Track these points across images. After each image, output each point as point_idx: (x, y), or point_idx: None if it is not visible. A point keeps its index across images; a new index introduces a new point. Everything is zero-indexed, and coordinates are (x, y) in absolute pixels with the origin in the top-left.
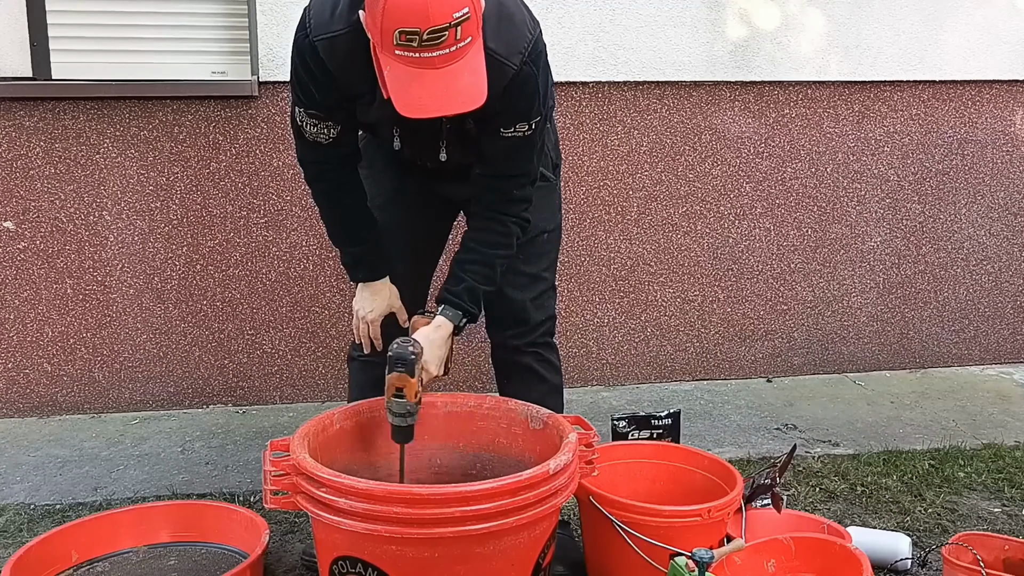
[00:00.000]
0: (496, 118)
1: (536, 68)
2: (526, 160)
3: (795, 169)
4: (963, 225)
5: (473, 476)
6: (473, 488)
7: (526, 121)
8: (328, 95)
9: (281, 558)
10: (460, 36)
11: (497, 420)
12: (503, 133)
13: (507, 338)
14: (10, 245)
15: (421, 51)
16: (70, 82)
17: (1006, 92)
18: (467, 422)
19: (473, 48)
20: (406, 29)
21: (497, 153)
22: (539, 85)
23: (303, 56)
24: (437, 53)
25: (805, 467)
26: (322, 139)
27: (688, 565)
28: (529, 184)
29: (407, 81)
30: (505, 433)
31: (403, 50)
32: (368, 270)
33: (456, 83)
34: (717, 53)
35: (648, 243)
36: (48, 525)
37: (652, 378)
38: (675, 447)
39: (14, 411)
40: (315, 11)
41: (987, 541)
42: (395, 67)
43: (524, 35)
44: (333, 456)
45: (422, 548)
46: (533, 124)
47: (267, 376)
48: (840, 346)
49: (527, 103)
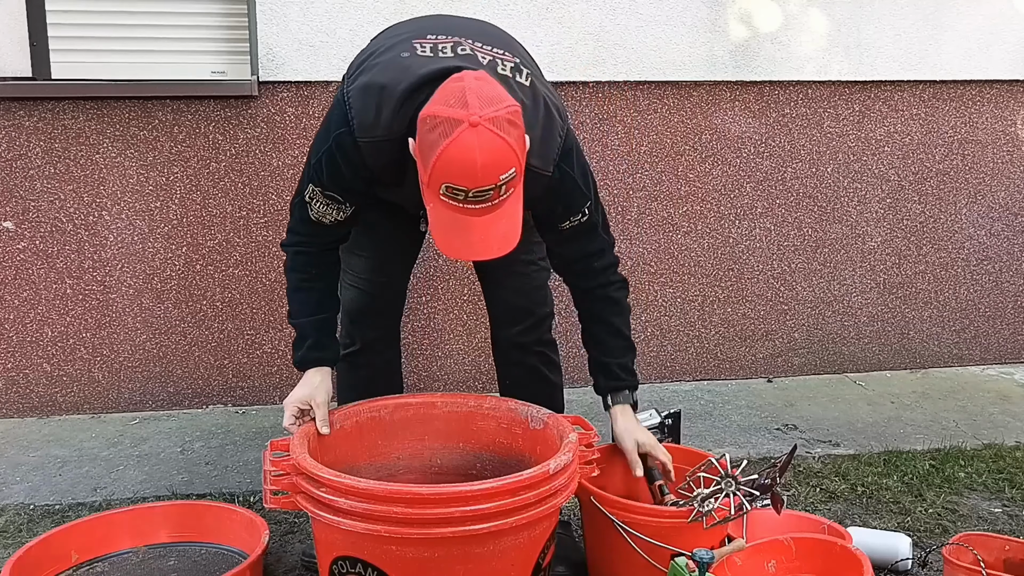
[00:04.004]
0: (549, 217)
1: (570, 165)
2: (594, 240)
3: (795, 169)
4: (964, 225)
5: (473, 476)
6: (473, 488)
7: (578, 212)
8: (358, 183)
9: (281, 558)
10: (504, 192)
11: (498, 420)
12: (561, 227)
13: (514, 335)
14: (10, 245)
15: (466, 204)
16: (70, 82)
17: (1007, 92)
18: (467, 422)
19: (513, 196)
20: (453, 186)
21: (565, 243)
22: (576, 178)
23: (344, 151)
24: (480, 206)
25: (805, 467)
26: (327, 220)
27: (689, 565)
28: (608, 250)
29: (448, 224)
30: (505, 433)
31: (448, 199)
32: (324, 351)
33: (493, 231)
34: (717, 53)
35: (648, 243)
36: (48, 525)
37: (652, 378)
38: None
39: (14, 411)
40: (357, 112)
41: (988, 541)
42: (438, 208)
43: (556, 140)
44: (334, 456)
45: (422, 548)
46: (586, 210)
47: (267, 376)
48: (841, 346)
49: (569, 198)
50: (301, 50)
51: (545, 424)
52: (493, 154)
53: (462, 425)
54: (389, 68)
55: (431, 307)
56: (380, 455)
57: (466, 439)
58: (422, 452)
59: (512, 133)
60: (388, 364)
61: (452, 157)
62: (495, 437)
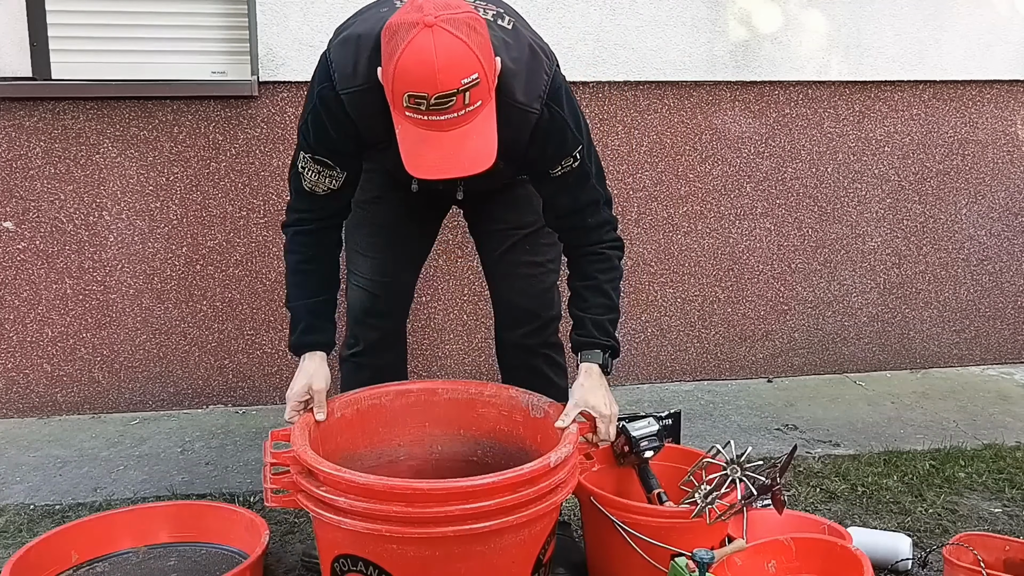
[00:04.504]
0: (539, 163)
1: (559, 105)
2: (586, 190)
3: (795, 169)
4: (964, 225)
5: (474, 463)
6: (473, 484)
7: (569, 155)
8: (346, 144)
9: (281, 558)
10: (469, 101)
11: (499, 408)
12: (552, 174)
13: (520, 337)
14: (10, 245)
15: (429, 115)
16: (70, 82)
17: (1007, 92)
18: (469, 409)
19: (483, 112)
20: (414, 93)
21: (556, 194)
22: (566, 119)
23: (327, 106)
24: (444, 117)
25: (806, 467)
26: (320, 190)
27: (689, 566)
28: (603, 207)
29: (416, 142)
30: (507, 421)
31: (412, 112)
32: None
33: (463, 147)
34: (717, 53)
35: (648, 243)
36: (48, 525)
37: (652, 378)
38: (675, 447)
39: (14, 411)
40: (337, 64)
41: (988, 541)
42: (405, 126)
43: (542, 78)
44: (335, 444)
45: (423, 547)
46: (577, 155)
47: (267, 376)
48: (841, 346)
49: (560, 139)
50: (301, 50)
51: (546, 413)
52: (450, 55)
53: (463, 412)
54: (368, 21)
55: (431, 307)
56: (381, 442)
57: (467, 426)
58: (423, 439)
59: (473, 38)
60: (392, 365)
61: (408, 61)
62: (496, 424)
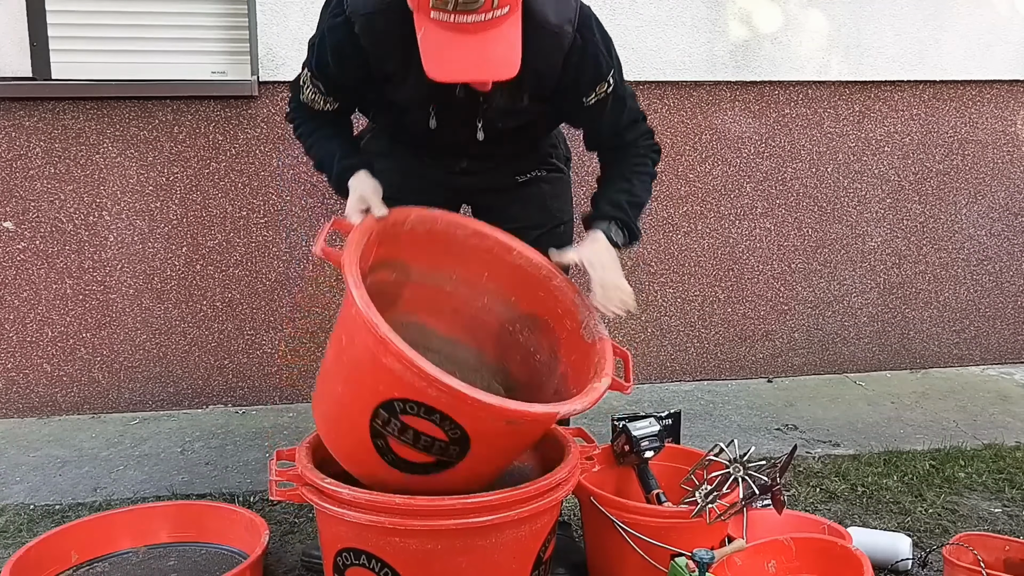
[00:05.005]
0: (571, 92)
1: (590, 31)
2: (623, 111)
3: (795, 169)
4: (964, 225)
5: (507, 335)
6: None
7: (603, 81)
8: (353, 73)
9: (281, 558)
10: (497, 4)
11: (557, 302)
12: (586, 102)
13: None
14: (10, 245)
15: (456, 14)
16: (70, 82)
17: (1007, 92)
18: (532, 285)
19: (510, 19)
20: None
21: (593, 121)
22: (598, 43)
23: (336, 34)
24: (471, 19)
25: (805, 467)
26: (316, 108)
27: (688, 565)
28: (640, 122)
29: (439, 45)
30: (557, 320)
31: (438, 11)
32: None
33: (490, 51)
34: (717, 53)
35: (648, 243)
36: (48, 525)
37: (652, 378)
38: (675, 447)
39: (14, 411)
40: None
41: (988, 541)
42: (429, 29)
43: (570, 4)
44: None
45: (424, 540)
46: (610, 80)
47: (267, 376)
48: (841, 346)
49: (595, 64)
50: (301, 50)
51: (593, 343)
52: None
53: (524, 284)
54: None
55: None
56: (439, 267)
57: (520, 297)
58: (476, 283)
59: None
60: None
61: None
62: (546, 316)
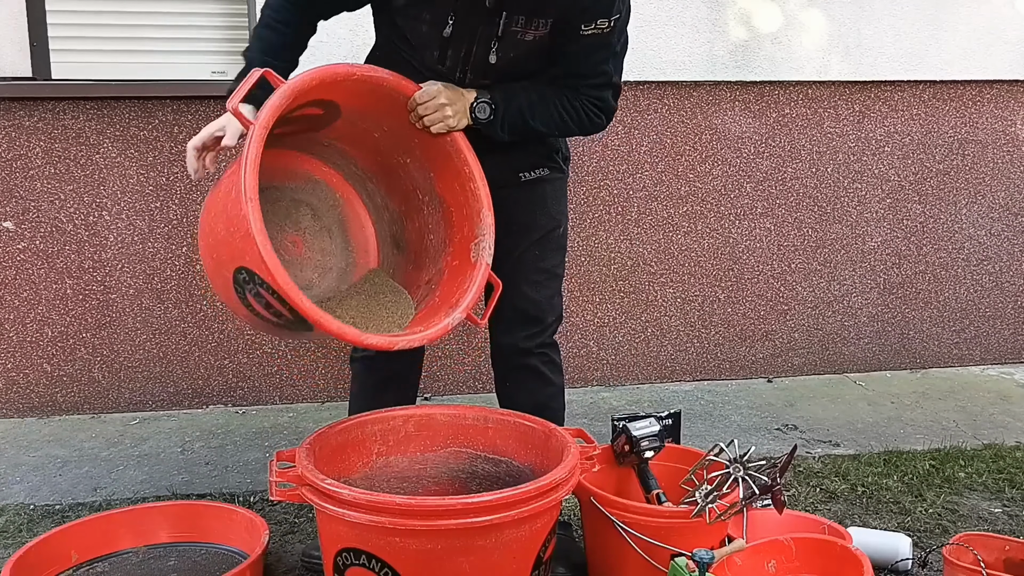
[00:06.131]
0: (579, 14)
1: None
2: (603, 61)
3: (795, 169)
4: (964, 225)
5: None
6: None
7: (606, 17)
8: None
9: (281, 558)
10: None
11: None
12: (583, 31)
13: (519, 340)
14: (10, 245)
15: None
16: (70, 82)
17: (1007, 92)
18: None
19: None
20: None
21: (576, 53)
22: None
23: None
24: None
25: (805, 467)
26: None
27: (688, 565)
28: (607, 88)
29: None
30: (460, 217)
31: None
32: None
33: None
34: (717, 53)
35: (648, 243)
36: (48, 525)
37: (652, 378)
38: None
39: (14, 411)
40: None
41: (988, 541)
42: None
43: None
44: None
45: (425, 540)
46: (612, 21)
47: (267, 376)
48: (841, 346)
49: None
50: None
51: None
52: None
53: (446, 169)
54: None
55: None
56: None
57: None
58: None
59: None
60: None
61: None
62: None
